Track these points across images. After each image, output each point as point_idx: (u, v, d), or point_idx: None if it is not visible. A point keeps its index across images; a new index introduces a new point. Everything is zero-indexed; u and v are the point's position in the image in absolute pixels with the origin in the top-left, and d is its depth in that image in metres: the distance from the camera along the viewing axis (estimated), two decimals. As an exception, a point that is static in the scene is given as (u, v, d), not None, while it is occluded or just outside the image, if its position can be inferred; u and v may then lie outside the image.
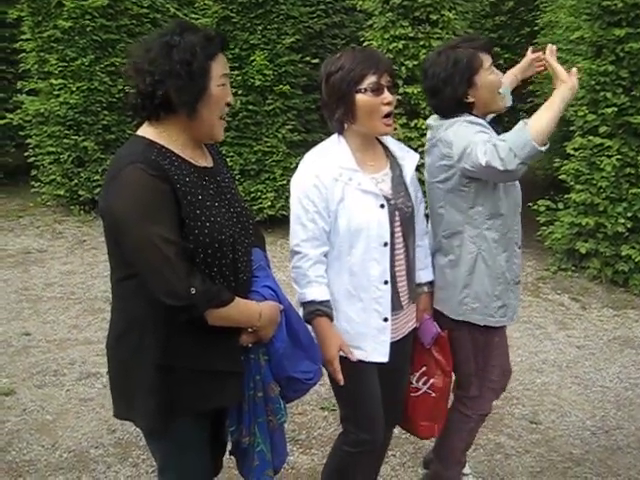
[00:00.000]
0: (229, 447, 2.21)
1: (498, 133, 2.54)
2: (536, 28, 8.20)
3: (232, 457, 2.23)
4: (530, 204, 6.18)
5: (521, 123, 2.27)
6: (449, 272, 2.60)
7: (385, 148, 2.47)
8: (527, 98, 8.43)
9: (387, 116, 2.29)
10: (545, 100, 2.40)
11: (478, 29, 8.35)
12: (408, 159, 2.46)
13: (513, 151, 2.21)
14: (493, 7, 9.35)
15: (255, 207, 6.71)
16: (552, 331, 4.85)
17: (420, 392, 2.63)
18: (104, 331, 4.56)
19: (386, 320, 2.37)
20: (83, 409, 3.73)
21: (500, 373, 2.80)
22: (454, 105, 2.53)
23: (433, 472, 3.01)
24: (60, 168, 7.42)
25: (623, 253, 5.43)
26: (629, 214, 5.38)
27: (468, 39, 2.58)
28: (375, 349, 2.37)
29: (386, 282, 2.34)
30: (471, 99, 2.52)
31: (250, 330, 1.98)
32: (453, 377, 2.72)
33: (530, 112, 8.68)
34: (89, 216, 7.46)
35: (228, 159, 6.87)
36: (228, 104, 1.95)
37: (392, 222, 2.34)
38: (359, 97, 2.26)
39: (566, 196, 5.84)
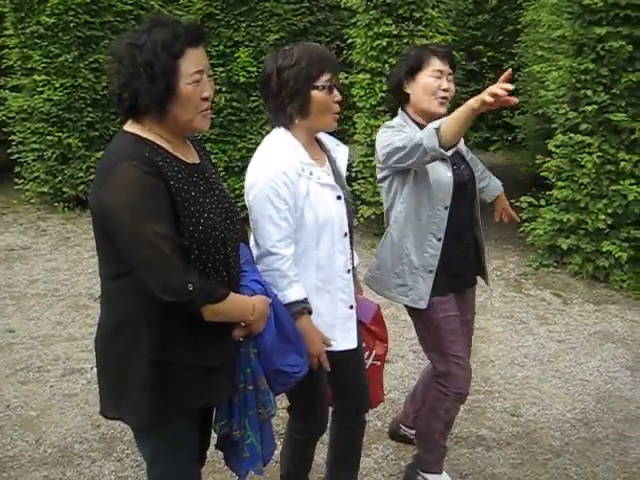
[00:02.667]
0: (214, 442, 2.23)
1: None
2: (519, 27, 8.26)
3: (217, 451, 2.25)
4: (512, 201, 6.24)
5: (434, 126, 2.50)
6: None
7: (319, 142, 2.52)
8: (510, 96, 8.49)
9: (336, 113, 2.37)
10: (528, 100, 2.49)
11: (461, 27, 8.41)
12: (340, 152, 2.54)
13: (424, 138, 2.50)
14: (476, 5, 9.41)
15: (240, 204, 6.69)
16: (534, 326, 4.91)
17: (367, 366, 2.76)
18: (88, 327, 4.64)
19: (351, 307, 2.46)
20: (67, 405, 3.74)
21: (464, 348, 2.92)
22: (396, 89, 2.85)
23: (416, 459, 3.08)
24: (44, 165, 7.39)
25: (604, 249, 5.49)
26: (609, 210, 5.45)
27: (437, 45, 2.96)
28: (344, 337, 2.44)
29: (348, 271, 2.44)
30: (408, 90, 2.80)
31: (243, 324, 2.00)
32: (388, 345, 2.90)
33: (513, 109, 8.77)
34: (73, 213, 7.44)
35: (212, 156, 6.86)
36: (205, 99, 1.91)
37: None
38: (315, 93, 2.29)
39: (548, 193, 5.91)
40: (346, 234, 2.41)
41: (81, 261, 6.07)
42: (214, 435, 2.18)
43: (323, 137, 2.53)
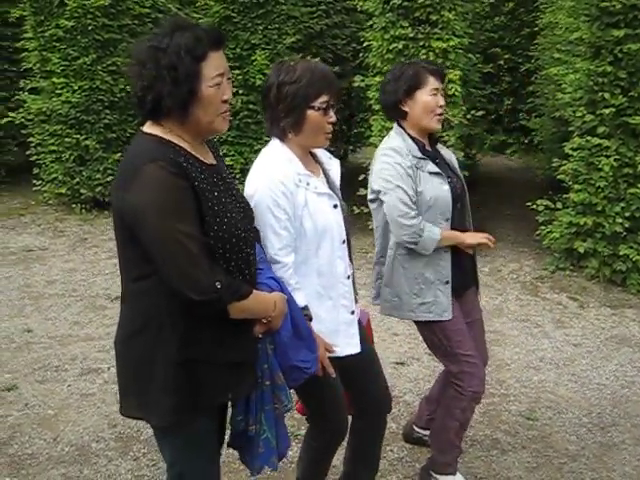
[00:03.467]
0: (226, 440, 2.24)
1: (435, 158, 2.95)
2: (536, 29, 8.24)
3: (233, 451, 2.27)
4: (529, 204, 6.23)
5: (437, 236, 2.78)
6: (381, 275, 2.97)
7: (313, 155, 2.57)
8: (527, 99, 8.48)
9: (328, 133, 2.42)
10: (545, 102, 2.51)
11: (478, 29, 8.38)
12: (333, 165, 2.61)
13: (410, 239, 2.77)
14: (493, 8, 9.39)
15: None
16: (550, 329, 4.89)
17: None
18: (105, 327, 4.68)
19: (353, 313, 2.50)
20: (84, 404, 3.77)
21: (473, 346, 2.96)
22: (392, 106, 2.89)
23: (429, 460, 3.09)
24: (62, 167, 7.46)
25: (621, 253, 5.46)
26: (627, 214, 5.42)
27: (429, 62, 3.05)
28: (347, 343, 2.48)
29: (348, 277, 2.50)
30: (406, 108, 2.86)
31: (264, 321, 2.03)
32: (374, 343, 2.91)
33: (530, 112, 8.74)
34: (90, 214, 7.51)
35: (229, 158, 6.91)
36: (225, 101, 1.94)
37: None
38: (310, 113, 2.34)
39: (565, 196, 5.88)
40: (344, 241, 2.47)
41: (98, 262, 6.12)
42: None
43: (317, 150, 2.59)
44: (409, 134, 2.89)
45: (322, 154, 2.61)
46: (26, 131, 7.77)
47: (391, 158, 2.82)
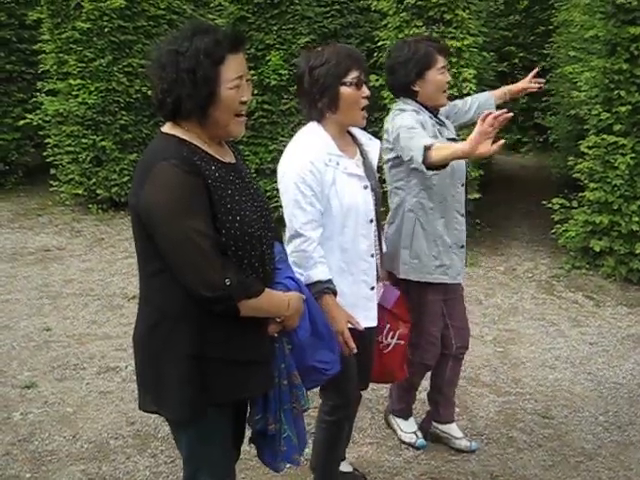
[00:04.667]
0: (248, 435, 2.27)
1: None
2: (551, 27, 8.20)
3: (249, 449, 2.29)
4: (544, 202, 6.21)
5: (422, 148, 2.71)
6: (396, 237, 3.04)
7: (352, 136, 2.67)
8: (542, 97, 8.44)
9: (364, 108, 2.52)
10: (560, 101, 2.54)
11: (492, 28, 8.36)
12: (372, 146, 2.71)
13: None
14: (507, 6, 9.37)
15: (271, 205, 6.76)
16: (565, 328, 4.87)
17: (391, 346, 2.93)
18: (122, 327, 4.73)
19: (373, 289, 2.63)
20: (103, 402, 3.81)
21: (441, 328, 3.19)
22: (402, 87, 2.97)
23: (388, 406, 3.55)
24: (78, 167, 7.52)
25: (637, 251, 5.43)
26: (643, 212, 5.39)
27: (431, 39, 3.08)
28: (366, 316, 2.61)
29: (372, 255, 2.60)
30: (417, 88, 2.95)
31: (278, 320, 2.05)
32: (411, 324, 3.02)
33: (545, 111, 8.71)
34: (107, 215, 7.56)
35: (244, 158, 6.93)
36: (244, 102, 1.97)
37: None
38: (343, 89, 2.46)
39: (580, 194, 5.85)
40: (371, 220, 2.57)
41: (115, 262, 6.17)
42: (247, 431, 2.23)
43: (357, 132, 2.69)
44: (425, 106, 2.99)
45: (362, 135, 2.71)
46: (43, 132, 7.84)
47: (405, 113, 2.94)
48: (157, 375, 1.99)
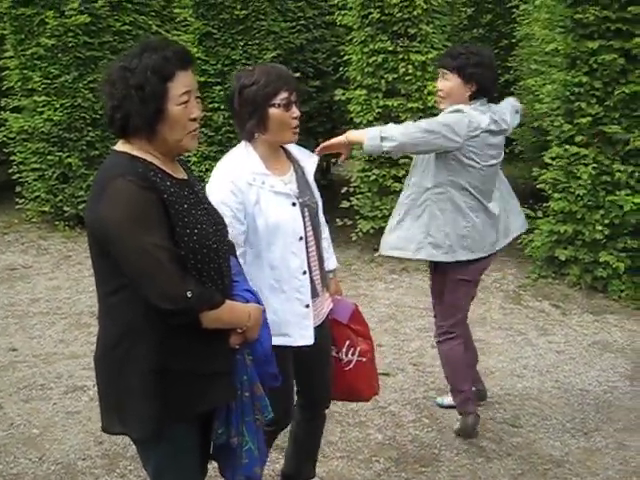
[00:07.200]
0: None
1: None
2: (513, 40, 8.34)
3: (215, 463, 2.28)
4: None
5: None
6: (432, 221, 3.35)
7: (287, 152, 2.69)
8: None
9: (295, 127, 2.55)
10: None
11: (457, 42, 8.48)
12: (308, 161, 2.72)
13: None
14: (471, 20, 9.51)
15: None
16: (533, 337, 4.94)
17: (352, 363, 2.90)
18: (90, 345, 4.66)
19: (307, 307, 2.61)
20: (70, 422, 3.76)
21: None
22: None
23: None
24: (45, 184, 7.44)
25: (601, 259, 5.52)
26: (606, 221, 5.48)
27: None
28: (301, 335, 2.59)
29: (304, 272, 2.58)
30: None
31: (239, 331, 2.06)
32: (373, 340, 3.00)
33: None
34: (74, 232, 7.48)
35: (211, 173, 6.92)
36: (194, 119, 2.00)
37: (303, 218, 2.58)
38: (272, 111, 2.49)
39: (545, 205, 5.95)
40: (301, 238, 2.56)
41: (82, 279, 6.10)
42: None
43: (293, 148, 2.72)
44: None
45: (298, 151, 2.73)
46: (8, 150, 7.75)
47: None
48: (120, 393, 1.99)
